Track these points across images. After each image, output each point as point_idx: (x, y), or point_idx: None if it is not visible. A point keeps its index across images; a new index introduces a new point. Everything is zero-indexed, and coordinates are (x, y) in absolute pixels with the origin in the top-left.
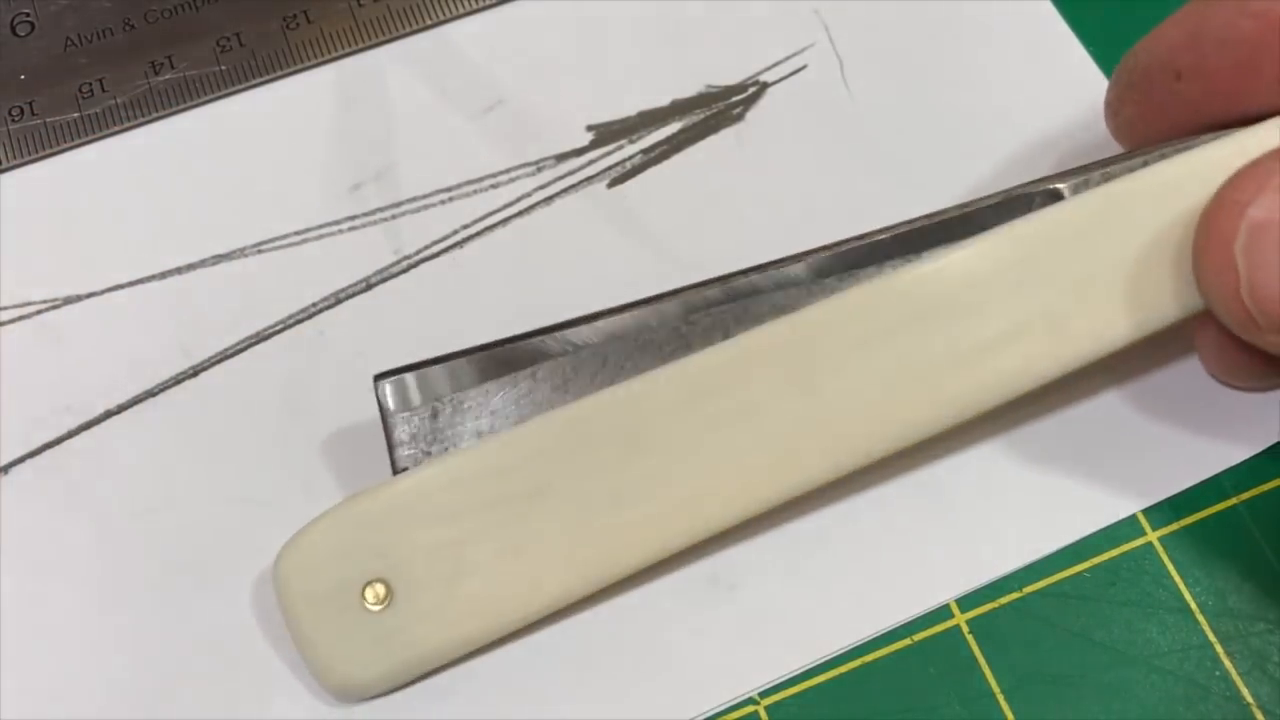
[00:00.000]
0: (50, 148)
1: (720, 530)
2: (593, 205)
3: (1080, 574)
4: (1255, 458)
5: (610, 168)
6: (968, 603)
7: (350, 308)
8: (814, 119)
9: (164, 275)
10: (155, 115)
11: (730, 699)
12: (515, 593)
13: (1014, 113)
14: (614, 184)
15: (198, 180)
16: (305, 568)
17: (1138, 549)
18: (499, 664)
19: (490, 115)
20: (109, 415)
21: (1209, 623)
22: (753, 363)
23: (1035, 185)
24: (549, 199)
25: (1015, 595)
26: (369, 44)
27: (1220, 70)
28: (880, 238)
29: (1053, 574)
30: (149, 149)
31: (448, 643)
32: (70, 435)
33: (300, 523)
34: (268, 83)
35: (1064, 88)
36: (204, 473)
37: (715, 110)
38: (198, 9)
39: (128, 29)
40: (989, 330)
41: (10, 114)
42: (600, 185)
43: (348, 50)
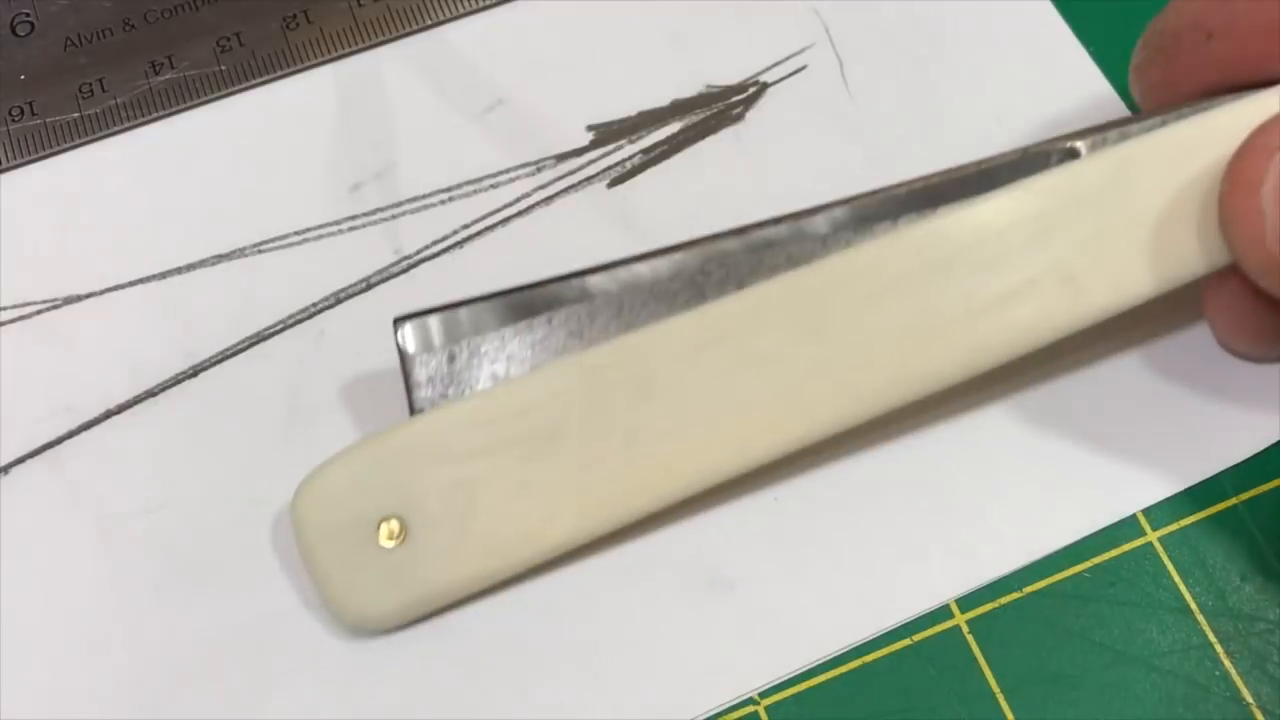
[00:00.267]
0: (50, 148)
1: (731, 476)
2: (593, 205)
3: (1080, 574)
4: (1255, 458)
5: (610, 168)
6: (968, 603)
7: (350, 308)
8: (814, 119)
9: (164, 275)
10: (155, 115)
11: (730, 699)
12: (527, 532)
13: (1014, 113)
14: (614, 184)
15: (197, 180)
16: (322, 504)
17: (1138, 549)
18: (499, 663)
19: (490, 115)
20: (109, 415)
21: (1209, 623)
22: (767, 311)
23: (1053, 144)
24: (549, 199)
25: (1015, 595)
26: (369, 44)
27: (1253, 30)
28: (897, 192)
29: (1053, 574)
30: (149, 149)
31: (461, 579)
32: (70, 435)
33: None
34: (267, 83)
35: (1064, 88)
36: (204, 473)
37: (715, 110)
38: (198, 9)
39: (127, 29)
40: (1004, 284)
41: (10, 114)
42: (600, 185)
43: (348, 50)
